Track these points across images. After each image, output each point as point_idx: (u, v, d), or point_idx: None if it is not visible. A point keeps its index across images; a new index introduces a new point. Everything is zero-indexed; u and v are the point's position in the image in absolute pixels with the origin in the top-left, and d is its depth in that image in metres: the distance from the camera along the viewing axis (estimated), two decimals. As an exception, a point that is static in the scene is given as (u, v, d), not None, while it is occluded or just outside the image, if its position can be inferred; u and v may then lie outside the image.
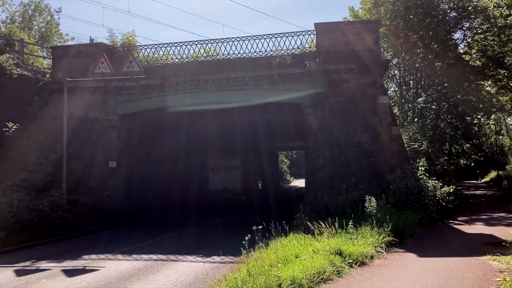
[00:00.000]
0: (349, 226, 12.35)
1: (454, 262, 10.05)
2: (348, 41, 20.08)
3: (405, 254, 11.34)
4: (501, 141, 56.19)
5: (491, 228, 15.45)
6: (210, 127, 29.14)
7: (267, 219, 11.78)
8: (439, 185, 19.19)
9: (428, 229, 15.46)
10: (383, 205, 14.75)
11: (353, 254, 10.33)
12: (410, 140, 24.59)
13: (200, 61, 22.13)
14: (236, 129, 30.60)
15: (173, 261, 12.57)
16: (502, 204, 24.27)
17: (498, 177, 44.27)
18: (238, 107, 23.23)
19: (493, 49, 32.09)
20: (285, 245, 11.20)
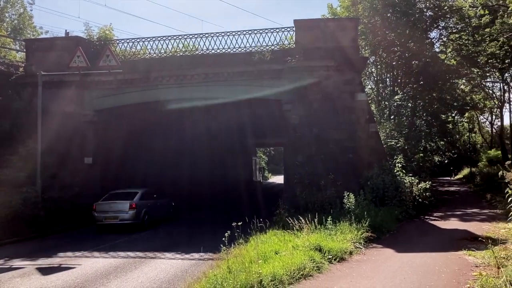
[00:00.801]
0: (328, 222, 12.41)
1: (431, 257, 10.22)
2: (327, 38, 20.17)
3: (383, 250, 11.48)
4: (473, 138, 57.55)
5: (465, 224, 15.78)
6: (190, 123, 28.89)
7: (247, 215, 11.74)
8: (415, 181, 19.54)
9: (405, 224, 15.69)
10: (361, 201, 14.89)
11: (332, 250, 10.38)
12: (387, 137, 24.94)
13: (179, 56, 21.91)
14: (215, 125, 30.47)
15: (151, 258, 12.42)
16: (475, 200, 24.85)
17: (471, 174, 45.31)
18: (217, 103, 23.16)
19: (467, 49, 32.76)
20: (264, 241, 11.19)
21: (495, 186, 26.54)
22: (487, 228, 14.21)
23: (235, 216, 11.30)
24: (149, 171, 25.69)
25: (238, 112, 26.55)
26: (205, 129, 30.32)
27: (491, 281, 7.57)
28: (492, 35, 31.77)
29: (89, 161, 21.11)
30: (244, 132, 35.22)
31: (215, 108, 24.96)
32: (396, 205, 17.16)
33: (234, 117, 28.46)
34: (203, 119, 28.12)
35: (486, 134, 60.99)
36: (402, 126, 27.58)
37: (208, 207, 26.32)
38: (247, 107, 24.41)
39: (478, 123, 59.00)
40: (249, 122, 30.17)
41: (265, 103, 22.14)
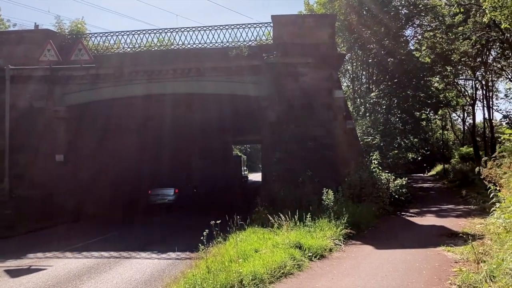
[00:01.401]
0: (307, 219, 12.27)
1: (411, 254, 10.20)
2: (305, 34, 20.03)
3: (363, 246, 11.41)
4: (446, 136, 58.68)
5: (441, 220, 15.92)
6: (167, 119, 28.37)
7: (225, 213, 11.51)
8: (391, 178, 19.65)
9: (382, 221, 15.72)
10: (339, 198, 14.82)
11: (312, 247, 10.25)
12: (363, 134, 25.09)
13: (154, 51, 21.47)
14: (192, 121, 30.01)
15: (126, 258, 12.05)
16: (449, 196, 25.23)
17: (444, 171, 46.23)
18: (194, 99, 22.84)
19: (441, 47, 33.30)
20: (244, 239, 10.97)
21: (469, 183, 27.07)
22: (463, 224, 14.35)
23: (214, 213, 11.06)
24: (126, 168, 25.15)
25: (215, 108, 26.23)
26: (182, 125, 29.84)
27: (471, 277, 7.56)
28: (465, 33, 32.39)
29: (61, 158, 20.45)
30: (221, 129, 34.96)
31: (192, 103, 24.62)
32: (373, 201, 17.18)
33: (211, 113, 28.10)
34: (180, 115, 27.66)
35: (458, 132, 62.33)
36: (377, 123, 27.80)
37: (185, 204, 25.94)
38: (225, 103, 24.13)
39: (451, 121, 60.25)
40: (226, 118, 29.90)
41: (243, 99, 21.90)
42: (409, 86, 31.96)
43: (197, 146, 35.43)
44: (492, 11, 19.10)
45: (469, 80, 43.06)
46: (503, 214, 7.81)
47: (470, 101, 45.37)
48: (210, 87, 20.74)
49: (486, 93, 42.29)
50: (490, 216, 13.79)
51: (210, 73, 20.39)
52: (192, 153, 34.84)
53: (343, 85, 35.94)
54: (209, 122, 31.10)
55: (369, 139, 24.23)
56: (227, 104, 24.49)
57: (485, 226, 12.96)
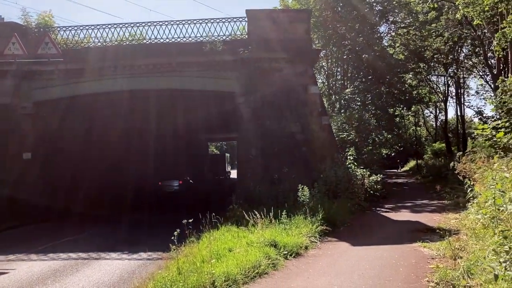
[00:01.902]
0: (282, 216, 12.03)
1: (387, 250, 10.06)
2: (280, 29, 19.77)
3: (339, 243, 11.23)
4: (419, 132, 59.51)
5: (416, 215, 15.93)
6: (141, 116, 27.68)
7: (199, 211, 11.18)
8: (367, 174, 19.64)
9: (358, 217, 15.62)
10: (315, 194, 14.63)
11: (288, 245, 10.00)
12: (339, 130, 25.05)
13: (125, 45, 20.85)
14: (165, 118, 29.39)
15: (95, 259, 11.58)
16: (423, 191, 25.41)
17: (417, 166, 46.81)
18: (167, 95, 22.31)
19: (415, 43, 33.62)
20: (217, 238, 10.64)
21: (442, 178, 27.34)
22: (438, 219, 14.35)
23: (189, 211, 10.74)
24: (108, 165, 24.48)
25: (190, 105, 25.76)
26: (157, 123, 29.18)
27: (449, 273, 7.44)
28: (437, 30, 32.83)
29: (28, 156, 19.67)
30: (196, 125, 34.47)
31: (166, 100, 24.06)
32: (348, 197, 17.11)
33: (186, 110, 27.59)
34: (154, 111, 27.02)
35: (430, 128, 63.36)
36: (352, 119, 27.82)
37: (159, 203, 25.40)
38: (200, 99, 23.72)
39: (423, 117, 61.16)
40: (201, 115, 29.42)
41: (218, 96, 21.54)
42: (383, 83, 32.18)
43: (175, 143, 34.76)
44: (465, 8, 19.25)
45: (441, 77, 43.86)
46: (480, 209, 7.70)
47: (442, 97, 46.09)
48: (183, 83, 20.27)
49: (458, 89, 43.00)
50: (465, 211, 13.89)
51: (184, 68, 19.93)
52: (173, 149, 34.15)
53: (318, 82, 35.95)
54: (184, 119, 30.59)
55: (344, 135, 24.22)
56: (201, 100, 24.11)
57: (460, 221, 12.99)
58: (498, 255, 5.76)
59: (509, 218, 5.93)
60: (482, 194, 9.14)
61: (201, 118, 30.89)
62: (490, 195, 7.34)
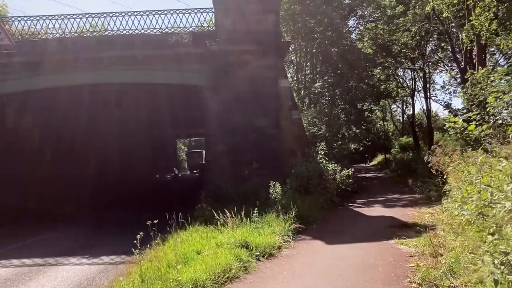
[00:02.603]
0: (254, 214, 11.45)
1: (364, 249, 9.62)
2: (248, 21, 19.11)
3: (313, 242, 10.74)
4: (386, 126, 60.19)
5: (389, 210, 15.67)
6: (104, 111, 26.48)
7: (166, 210, 10.49)
8: (338, 168, 19.32)
9: (331, 213, 15.23)
10: (287, 190, 14.12)
11: (260, 246, 9.42)
12: (309, 124, 24.71)
13: (86, 37, 19.78)
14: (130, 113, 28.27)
15: (52, 265, 10.70)
16: (393, 185, 25.40)
17: (385, 160, 47.26)
18: (132, 89, 21.37)
19: (383, 38, 33.64)
20: (185, 240, 9.97)
21: (411, 172, 27.43)
22: (412, 214, 14.12)
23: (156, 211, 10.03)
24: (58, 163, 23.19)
25: (156, 100, 24.80)
26: (121, 118, 28.02)
27: (431, 273, 7.04)
28: (405, 25, 32.93)
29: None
30: (164, 122, 33.48)
31: (131, 94, 23.07)
32: (320, 193, 16.71)
33: (152, 105, 26.58)
34: (119, 106, 25.91)
35: (397, 122, 64.18)
36: (322, 114, 27.55)
37: (125, 203, 24.38)
38: (166, 94, 22.84)
39: (390, 112, 61.86)
40: (169, 110, 28.47)
41: (185, 90, 20.75)
42: (352, 77, 32.06)
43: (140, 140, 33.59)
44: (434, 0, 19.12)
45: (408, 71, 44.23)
46: (462, 204, 7.32)
47: (409, 92, 46.54)
48: (148, 77, 19.39)
49: (425, 84, 43.48)
50: (439, 206, 13.67)
51: (149, 61, 19.02)
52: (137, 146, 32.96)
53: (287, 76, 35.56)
54: (150, 114, 29.54)
55: (315, 129, 23.88)
56: (168, 95, 23.24)
57: (434, 216, 12.76)
58: (493, 256, 5.33)
59: (504, 216, 5.54)
60: (463, 188, 8.79)
61: (168, 113, 29.92)
62: (474, 190, 6.95)
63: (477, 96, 16.02)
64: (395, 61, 38.01)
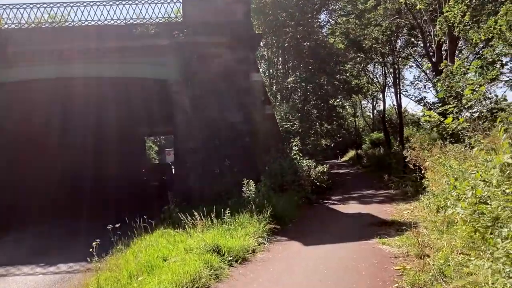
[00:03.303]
0: (226, 215, 10.68)
1: (344, 249, 8.99)
2: (218, 12, 18.23)
3: (289, 243, 10.05)
4: (357, 122, 60.38)
5: (366, 207, 15.16)
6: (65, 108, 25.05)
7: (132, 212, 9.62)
8: (313, 164, 18.76)
9: (306, 211, 14.61)
10: (261, 188, 13.40)
11: (233, 250, 8.66)
12: (282, 120, 24.04)
13: (44, 28, 18.40)
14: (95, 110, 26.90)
15: (1, 276, 9.63)
16: (367, 180, 25.07)
17: (357, 156, 47.27)
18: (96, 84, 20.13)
19: (354, 32, 33.31)
20: (150, 245, 9.09)
21: (384, 167, 27.22)
22: (390, 211, 13.64)
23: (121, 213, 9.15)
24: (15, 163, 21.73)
25: (124, 96, 23.62)
26: (84, 115, 26.61)
27: (420, 277, 6.45)
28: (376, 20, 32.68)
29: None
30: (132, 119, 32.19)
31: (97, 90, 21.80)
32: (295, 190, 16.12)
33: (120, 102, 25.32)
34: (81, 102, 24.52)
35: (367, 118, 64.50)
36: (295, 109, 26.98)
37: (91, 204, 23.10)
38: (134, 89, 21.73)
39: (361, 108, 62.05)
40: (138, 107, 27.26)
41: (154, 85, 19.68)
42: (324, 71, 31.61)
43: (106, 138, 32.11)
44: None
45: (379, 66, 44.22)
46: (459, 202, 6.75)
47: (380, 87, 46.59)
48: (113, 70, 18.21)
49: (394, 80, 43.56)
50: (418, 202, 13.24)
51: (113, 54, 17.85)
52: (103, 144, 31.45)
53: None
54: (117, 111, 28.24)
55: (288, 125, 23.22)
56: (136, 90, 22.09)
57: (413, 213, 12.31)
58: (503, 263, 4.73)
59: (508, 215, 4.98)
60: (450, 184, 8.26)
61: (137, 110, 28.70)
62: (467, 186, 6.38)
63: (454, 88, 15.71)
64: (366, 56, 37.80)
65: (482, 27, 19.00)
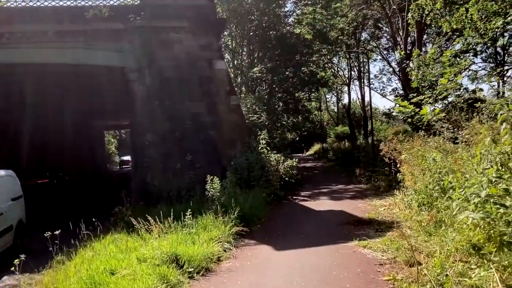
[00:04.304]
0: (187, 216, 9.44)
1: (321, 255, 7.91)
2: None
3: (259, 248, 8.91)
4: (322, 116, 60.04)
5: (338, 203, 14.23)
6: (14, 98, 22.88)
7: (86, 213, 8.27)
8: (281, 159, 17.75)
9: (276, 209, 13.55)
10: (226, 186, 12.20)
11: (194, 259, 7.44)
12: (248, 112, 22.92)
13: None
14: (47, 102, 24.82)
15: None
16: (335, 175, 24.32)
17: (322, 150, 46.75)
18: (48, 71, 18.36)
19: (320, 23, 32.48)
20: (97, 254, 7.75)
21: (351, 160, 26.56)
22: (364, 207, 12.75)
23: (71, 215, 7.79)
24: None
25: (79, 85, 21.79)
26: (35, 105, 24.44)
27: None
28: (342, 10, 31.98)
29: None
30: (89, 111, 30.24)
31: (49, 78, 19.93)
32: (263, 186, 15.02)
33: (74, 92, 23.38)
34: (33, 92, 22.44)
35: (332, 112, 64.31)
36: (261, 102, 25.89)
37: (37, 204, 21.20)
38: (90, 79, 20.00)
39: (326, 101, 61.74)
40: (95, 98, 25.40)
41: (112, 74, 18.05)
42: (291, 60, 30.62)
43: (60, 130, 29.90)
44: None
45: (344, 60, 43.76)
46: (465, 202, 5.78)
47: (346, 80, 46.19)
48: (62, 57, 16.60)
49: (359, 73, 43.20)
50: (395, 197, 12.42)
51: (62, 38, 16.23)
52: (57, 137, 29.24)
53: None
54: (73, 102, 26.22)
55: (254, 117, 22.10)
56: (93, 79, 20.32)
57: (391, 210, 11.47)
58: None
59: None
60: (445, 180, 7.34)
61: (94, 101, 26.77)
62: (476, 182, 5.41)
63: (427, 77, 15.00)
64: (331, 48, 37.04)
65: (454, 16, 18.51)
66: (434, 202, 8.77)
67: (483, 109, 12.17)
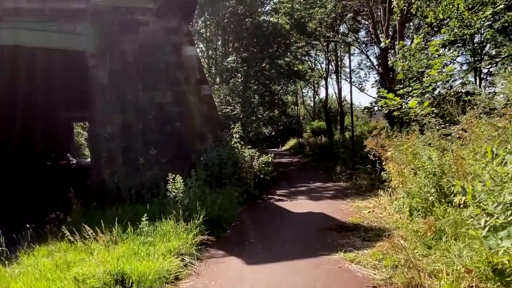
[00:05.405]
0: (143, 222, 8.01)
1: (301, 272, 6.58)
2: (145, -28, 15.32)
3: (227, 261, 7.53)
4: (298, 110, 59.03)
5: (317, 203, 12.97)
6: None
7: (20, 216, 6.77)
8: (256, 154, 16.43)
9: (249, 210, 12.21)
10: (192, 185, 10.81)
11: (145, 279, 6.03)
12: (222, 103, 21.48)
13: None
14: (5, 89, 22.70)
15: None
16: (312, 171, 23.15)
17: (299, 145, 45.68)
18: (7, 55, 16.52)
19: (298, 13, 31.26)
20: (24, 272, 6.26)
21: (329, 156, 25.50)
22: (346, 209, 11.53)
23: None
24: None
25: (43, 72, 19.86)
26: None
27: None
28: (321, 1, 30.86)
29: None
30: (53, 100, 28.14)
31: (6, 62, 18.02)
32: (235, 184, 13.71)
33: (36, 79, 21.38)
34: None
35: (308, 106, 63.33)
36: (235, 93, 24.46)
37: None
38: (54, 65, 18.18)
39: (302, 96, 60.70)
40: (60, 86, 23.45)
41: (77, 60, 16.32)
42: (267, 54, 29.27)
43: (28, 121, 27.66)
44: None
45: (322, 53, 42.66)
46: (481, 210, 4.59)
47: (323, 74, 45.17)
48: (17, 38, 14.77)
49: (336, 67, 42.20)
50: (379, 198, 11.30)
51: (15, 18, 14.46)
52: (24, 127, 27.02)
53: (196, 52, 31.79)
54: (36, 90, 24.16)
55: (228, 109, 20.68)
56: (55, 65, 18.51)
57: (376, 213, 10.28)
58: None
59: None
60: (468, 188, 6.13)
61: (59, 90, 24.78)
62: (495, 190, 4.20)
63: (413, 68, 13.90)
64: (309, 40, 35.81)
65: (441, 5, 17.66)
66: (430, 208, 7.60)
67: (477, 103, 11.14)
